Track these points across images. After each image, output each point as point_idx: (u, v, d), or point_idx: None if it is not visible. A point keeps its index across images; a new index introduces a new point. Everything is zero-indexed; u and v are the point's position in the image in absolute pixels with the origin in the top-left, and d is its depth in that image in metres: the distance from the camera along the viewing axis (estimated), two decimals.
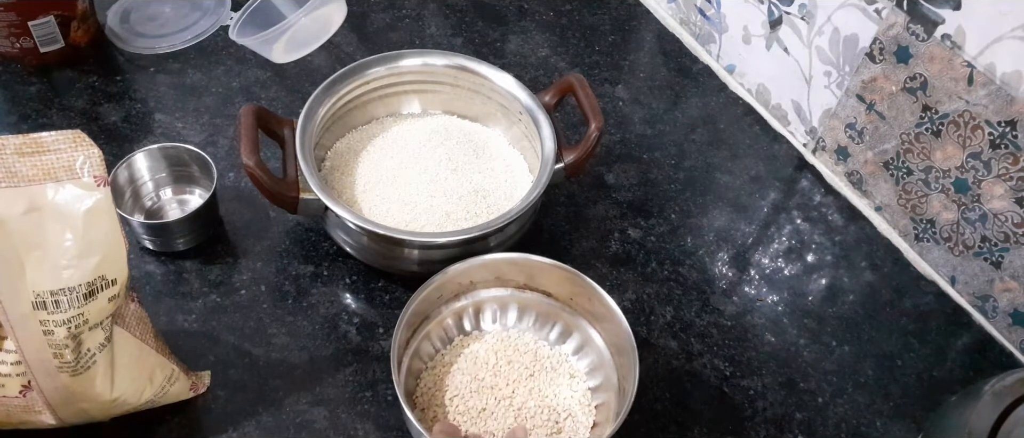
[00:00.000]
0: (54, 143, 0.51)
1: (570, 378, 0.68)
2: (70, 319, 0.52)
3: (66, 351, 0.53)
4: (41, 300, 0.51)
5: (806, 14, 0.83)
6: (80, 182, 0.52)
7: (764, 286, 0.79)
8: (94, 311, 0.53)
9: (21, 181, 0.51)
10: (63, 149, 0.52)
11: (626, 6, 1.07)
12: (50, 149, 0.51)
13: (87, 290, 0.52)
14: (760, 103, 0.95)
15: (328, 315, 0.73)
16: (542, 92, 0.78)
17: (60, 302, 0.52)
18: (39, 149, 0.51)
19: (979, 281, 0.77)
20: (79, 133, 0.52)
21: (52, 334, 0.52)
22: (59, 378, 0.54)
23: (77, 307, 0.52)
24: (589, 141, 0.72)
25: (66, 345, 0.53)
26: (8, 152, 0.51)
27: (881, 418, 0.71)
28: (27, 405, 0.56)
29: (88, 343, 0.54)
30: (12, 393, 0.55)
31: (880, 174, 0.82)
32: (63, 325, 0.52)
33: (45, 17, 0.86)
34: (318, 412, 0.66)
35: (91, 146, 0.52)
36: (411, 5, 1.04)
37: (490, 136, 0.82)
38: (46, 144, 0.51)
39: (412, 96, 0.83)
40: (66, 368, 0.54)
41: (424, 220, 0.73)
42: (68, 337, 0.53)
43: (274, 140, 0.74)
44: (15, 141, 0.51)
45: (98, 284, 0.53)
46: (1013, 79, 0.66)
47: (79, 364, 0.54)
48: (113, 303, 0.54)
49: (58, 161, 0.52)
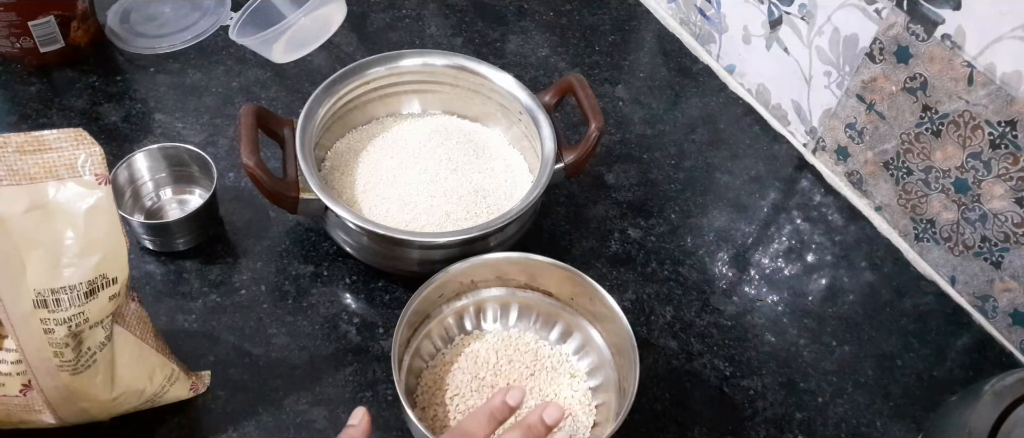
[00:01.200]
0: (56, 141, 0.51)
1: (571, 378, 0.68)
2: (71, 318, 0.52)
3: (67, 350, 0.53)
4: (42, 298, 0.51)
5: (806, 14, 0.83)
6: (81, 180, 0.52)
7: (764, 286, 0.79)
8: (95, 310, 0.53)
9: (23, 179, 0.51)
10: (65, 147, 0.52)
11: (626, 6, 1.07)
12: (52, 147, 0.51)
13: (88, 288, 0.52)
14: (760, 103, 0.95)
15: (328, 315, 0.73)
16: (542, 92, 0.78)
17: (61, 300, 0.52)
18: (41, 147, 0.51)
19: (979, 281, 0.77)
20: (81, 131, 0.52)
21: (53, 333, 0.52)
22: (59, 377, 0.54)
23: (78, 306, 0.52)
24: (589, 141, 0.72)
25: (67, 344, 0.53)
26: (9, 150, 0.51)
27: (881, 418, 0.71)
28: (27, 404, 0.56)
29: (88, 342, 0.54)
30: (12, 392, 0.55)
31: (880, 174, 0.82)
32: (64, 324, 0.52)
33: (45, 17, 0.86)
34: (318, 412, 0.66)
35: (92, 144, 0.52)
36: (411, 5, 1.04)
37: (490, 136, 0.82)
38: (48, 142, 0.51)
39: (412, 96, 0.83)
40: (66, 367, 0.54)
41: (424, 220, 0.73)
42: (69, 336, 0.52)
43: (274, 140, 0.74)
44: (17, 139, 0.51)
45: (99, 282, 0.53)
46: (1013, 79, 0.66)
47: (79, 363, 0.54)
48: (114, 302, 0.54)
49: (60, 159, 0.52)
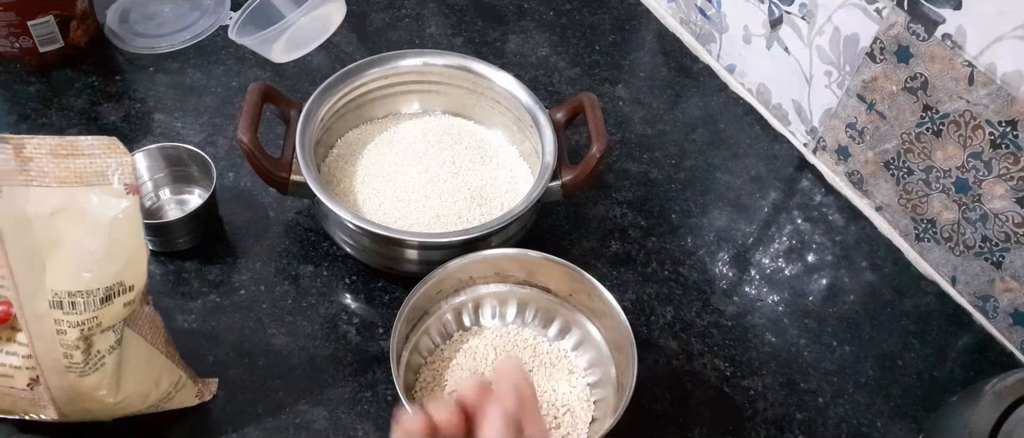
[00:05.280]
0: (89, 148, 0.52)
1: (569, 374, 0.68)
2: (84, 321, 0.53)
3: (76, 352, 0.53)
4: (58, 300, 0.52)
5: (807, 13, 0.83)
6: (110, 189, 0.53)
7: (764, 286, 0.79)
8: (108, 315, 0.54)
9: (53, 181, 0.52)
10: (97, 154, 0.52)
11: (626, 6, 1.07)
12: (84, 153, 0.52)
13: (105, 294, 0.53)
14: (760, 103, 0.95)
15: (328, 315, 0.73)
16: (554, 108, 0.77)
17: (76, 304, 0.52)
18: (74, 152, 0.52)
19: (980, 281, 0.77)
20: (114, 140, 0.53)
21: (65, 334, 0.53)
22: (66, 377, 0.55)
23: (92, 310, 0.53)
24: (590, 163, 0.71)
25: (77, 346, 0.53)
26: (43, 151, 0.52)
27: (882, 418, 0.71)
28: (33, 398, 0.57)
29: (98, 345, 0.54)
30: (20, 385, 0.56)
31: (881, 174, 0.82)
32: (76, 327, 0.52)
33: (44, 17, 0.86)
34: (318, 412, 0.66)
35: (124, 154, 0.53)
36: (411, 5, 1.04)
37: (491, 138, 0.82)
38: (81, 148, 0.52)
39: (430, 95, 0.83)
40: (74, 369, 0.54)
41: (414, 219, 0.73)
42: (79, 339, 0.53)
43: (281, 119, 0.76)
44: (51, 142, 0.52)
45: (116, 289, 0.53)
46: (1014, 79, 0.66)
47: (87, 366, 0.54)
48: (128, 308, 0.55)
49: (91, 166, 0.52)
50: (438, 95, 0.83)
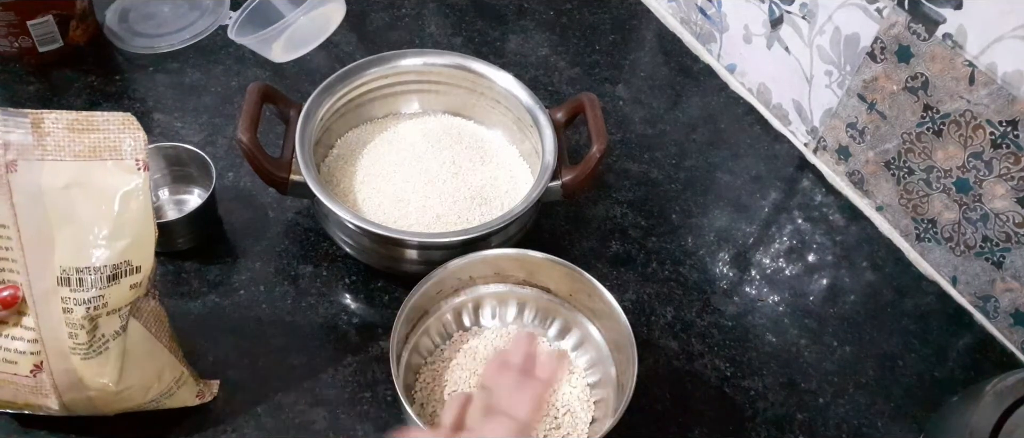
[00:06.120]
0: (104, 123, 0.53)
1: (569, 374, 0.68)
2: (91, 299, 0.53)
3: (81, 332, 0.54)
4: (66, 276, 0.53)
5: (807, 13, 0.83)
6: (123, 164, 0.54)
7: (765, 286, 0.79)
8: (115, 296, 0.54)
9: (67, 155, 0.53)
10: (112, 129, 0.53)
11: (626, 5, 1.07)
12: (99, 128, 0.53)
13: (112, 272, 0.53)
14: (761, 102, 0.95)
15: (328, 315, 0.72)
16: (554, 108, 0.77)
17: (84, 281, 0.53)
18: (90, 127, 0.53)
19: (980, 281, 0.76)
20: (129, 116, 0.54)
21: (71, 312, 0.53)
22: (70, 360, 0.55)
23: (99, 288, 0.53)
24: (589, 163, 0.71)
25: (82, 326, 0.53)
26: (61, 126, 0.53)
27: (882, 418, 0.70)
28: (35, 386, 0.57)
29: (103, 328, 0.55)
30: (23, 372, 0.56)
31: (881, 174, 0.82)
32: (83, 305, 0.53)
33: (44, 16, 0.86)
34: (318, 412, 0.66)
35: (138, 129, 0.54)
36: (411, 4, 1.03)
37: (491, 138, 0.82)
38: (97, 123, 0.53)
39: (430, 95, 0.83)
40: (78, 350, 0.54)
41: (413, 219, 0.73)
42: (85, 318, 0.53)
43: (281, 119, 0.76)
44: (68, 116, 0.53)
45: (123, 269, 0.54)
46: (1014, 79, 0.66)
47: (91, 348, 0.55)
48: (134, 291, 0.55)
49: (105, 141, 0.53)
50: (438, 95, 0.83)
